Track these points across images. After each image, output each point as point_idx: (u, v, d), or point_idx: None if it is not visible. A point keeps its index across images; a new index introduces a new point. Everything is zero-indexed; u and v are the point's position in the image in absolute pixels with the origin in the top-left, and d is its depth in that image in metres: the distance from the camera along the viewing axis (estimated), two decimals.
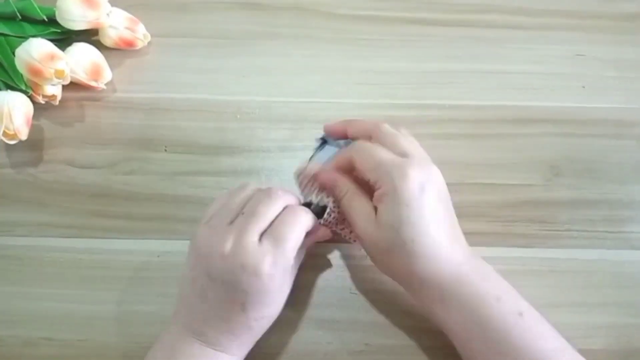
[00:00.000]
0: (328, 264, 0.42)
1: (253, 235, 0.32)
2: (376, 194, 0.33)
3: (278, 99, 0.49)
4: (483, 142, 0.47)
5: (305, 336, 0.40)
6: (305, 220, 0.34)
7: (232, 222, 0.33)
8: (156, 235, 0.43)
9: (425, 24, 0.52)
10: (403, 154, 0.34)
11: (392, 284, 0.41)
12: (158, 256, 0.42)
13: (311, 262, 0.42)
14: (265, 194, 0.35)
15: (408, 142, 0.35)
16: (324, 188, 0.37)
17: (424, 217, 0.32)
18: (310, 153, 0.46)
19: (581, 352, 0.32)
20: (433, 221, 0.32)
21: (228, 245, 0.32)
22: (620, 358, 0.39)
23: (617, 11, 0.53)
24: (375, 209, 0.33)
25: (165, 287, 0.41)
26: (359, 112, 0.48)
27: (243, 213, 0.34)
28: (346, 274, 0.42)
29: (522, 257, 0.42)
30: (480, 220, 0.44)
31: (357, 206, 0.34)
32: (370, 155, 0.34)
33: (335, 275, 0.42)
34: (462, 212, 0.44)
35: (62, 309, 0.41)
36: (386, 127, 0.36)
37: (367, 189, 0.35)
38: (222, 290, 0.33)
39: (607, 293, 0.41)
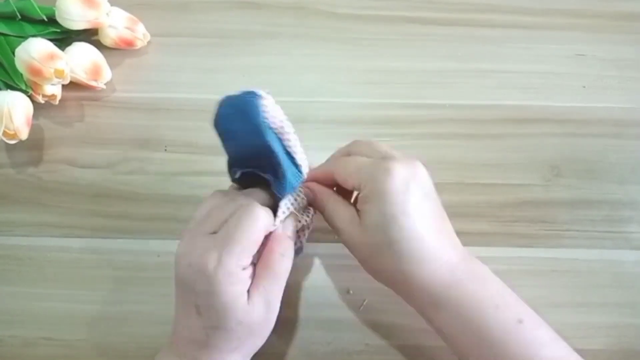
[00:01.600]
0: (327, 264, 0.42)
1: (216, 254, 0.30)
2: (360, 196, 0.32)
3: (278, 99, 0.48)
4: (483, 142, 0.47)
5: (305, 336, 0.40)
6: (262, 221, 0.31)
7: (209, 233, 0.32)
8: (156, 235, 0.43)
9: (425, 23, 0.52)
10: (384, 156, 0.33)
11: None
12: (158, 256, 0.42)
13: (310, 263, 0.42)
14: (247, 214, 0.31)
15: (387, 146, 0.34)
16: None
17: (410, 215, 0.30)
18: (312, 152, 0.46)
19: (581, 352, 0.32)
20: (419, 219, 0.30)
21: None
22: (621, 358, 0.39)
23: (618, 11, 0.53)
24: (359, 213, 0.32)
25: (165, 287, 0.41)
26: (359, 112, 0.48)
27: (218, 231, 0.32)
28: (345, 274, 0.42)
29: (522, 257, 0.43)
30: (480, 220, 0.44)
31: (340, 212, 0.33)
32: (349, 162, 0.33)
33: (335, 275, 0.42)
34: (462, 212, 0.44)
35: (62, 309, 0.41)
36: (359, 140, 0.35)
37: (349, 199, 0.35)
38: (180, 292, 0.32)
39: (607, 293, 0.41)
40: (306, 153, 0.46)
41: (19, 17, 0.47)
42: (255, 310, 0.31)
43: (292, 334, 0.40)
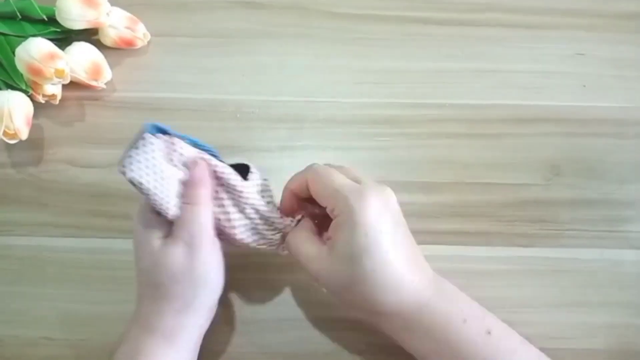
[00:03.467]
0: None
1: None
2: (333, 222, 0.32)
3: (278, 99, 0.49)
4: (483, 142, 0.47)
5: (305, 336, 0.40)
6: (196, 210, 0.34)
7: None
8: None
9: (425, 23, 0.52)
10: (356, 180, 0.33)
11: None
12: None
13: None
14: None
15: (354, 170, 0.35)
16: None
17: (382, 246, 0.31)
18: (311, 152, 0.46)
19: (581, 352, 0.32)
20: (392, 249, 0.31)
21: None
22: (621, 358, 0.39)
23: (618, 10, 0.53)
24: (330, 240, 0.33)
25: None
26: (359, 112, 0.48)
27: None
28: None
29: (522, 257, 0.42)
30: (480, 220, 0.44)
31: (307, 245, 0.34)
32: (327, 180, 0.33)
33: None
34: (462, 212, 0.44)
35: (62, 309, 0.41)
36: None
37: (314, 218, 0.36)
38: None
39: (607, 293, 0.41)
40: (306, 153, 0.47)
41: (19, 16, 0.47)
42: (172, 253, 0.32)
43: (292, 334, 0.40)
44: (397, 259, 0.31)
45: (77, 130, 0.47)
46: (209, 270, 0.33)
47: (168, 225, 0.34)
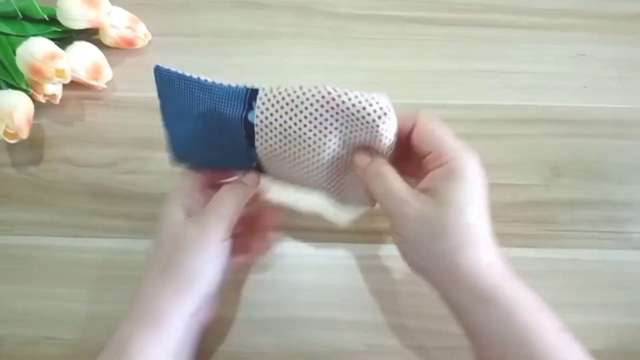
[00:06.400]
0: (328, 264, 0.42)
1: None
2: (437, 171, 0.31)
3: None
4: (483, 142, 0.47)
5: (305, 336, 0.40)
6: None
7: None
8: None
9: (425, 23, 0.52)
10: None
11: (393, 284, 0.41)
12: None
13: (311, 262, 0.42)
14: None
15: None
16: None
17: (485, 203, 0.30)
18: None
19: None
20: (487, 211, 0.31)
21: None
22: (621, 358, 0.39)
23: (618, 11, 0.53)
24: (428, 189, 0.31)
25: None
26: None
27: None
28: (347, 274, 0.42)
29: (522, 257, 0.42)
30: None
31: (398, 184, 0.32)
32: (444, 128, 0.32)
33: (336, 275, 0.42)
34: None
35: (63, 308, 0.41)
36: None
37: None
38: None
39: (607, 293, 0.41)
40: None
41: (20, 16, 0.47)
42: (184, 226, 0.34)
43: (292, 334, 0.40)
44: (489, 224, 0.31)
45: (78, 129, 0.47)
46: (211, 259, 0.34)
47: (197, 209, 0.35)
